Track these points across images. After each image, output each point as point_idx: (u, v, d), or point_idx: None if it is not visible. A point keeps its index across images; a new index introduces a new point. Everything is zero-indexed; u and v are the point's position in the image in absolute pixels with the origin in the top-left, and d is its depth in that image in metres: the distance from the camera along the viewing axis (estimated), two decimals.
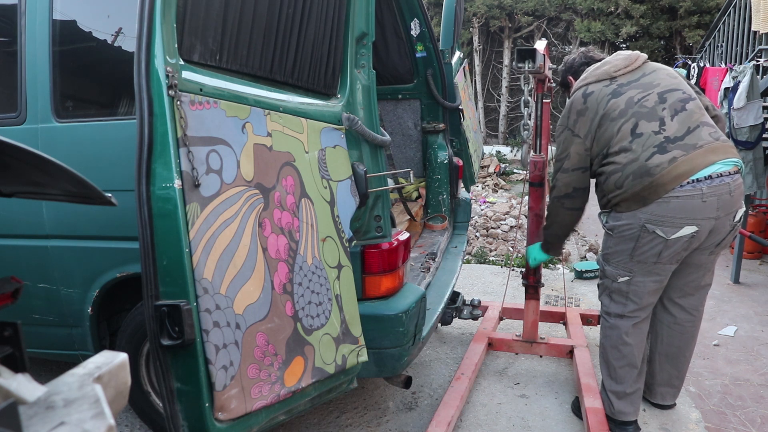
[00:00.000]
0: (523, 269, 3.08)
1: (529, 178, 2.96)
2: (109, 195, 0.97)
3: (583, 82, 2.35)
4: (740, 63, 5.52)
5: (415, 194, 3.65)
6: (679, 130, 2.08)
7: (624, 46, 13.02)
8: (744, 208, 2.22)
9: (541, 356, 3.14)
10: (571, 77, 2.62)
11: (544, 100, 2.98)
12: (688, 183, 2.03)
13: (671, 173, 2.03)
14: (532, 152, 3.00)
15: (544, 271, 4.95)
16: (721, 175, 2.06)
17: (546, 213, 2.51)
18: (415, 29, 3.27)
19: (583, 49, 2.66)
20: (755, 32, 5.22)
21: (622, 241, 2.20)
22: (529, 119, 2.70)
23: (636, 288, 2.25)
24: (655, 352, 2.49)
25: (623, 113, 2.16)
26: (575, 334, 3.18)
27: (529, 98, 2.67)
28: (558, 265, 5.14)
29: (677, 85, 2.20)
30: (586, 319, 3.38)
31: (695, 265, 2.30)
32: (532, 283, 3.03)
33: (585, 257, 5.50)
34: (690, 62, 5.55)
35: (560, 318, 3.45)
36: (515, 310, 3.47)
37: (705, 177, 2.04)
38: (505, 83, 14.50)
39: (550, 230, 2.53)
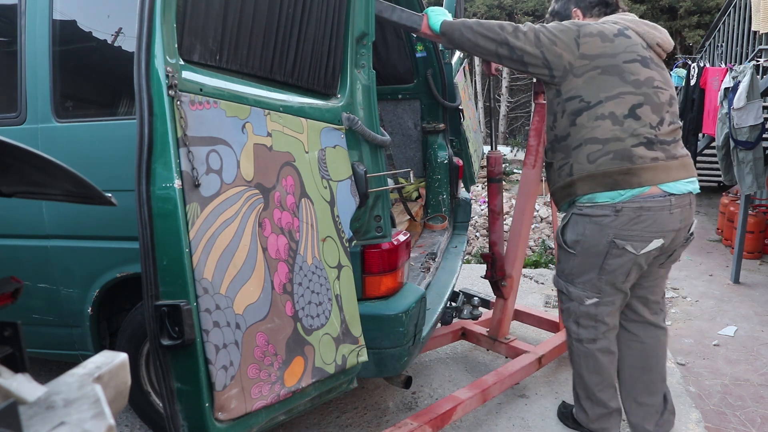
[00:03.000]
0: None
1: (487, 173, 2.93)
2: (109, 195, 0.97)
3: (625, 21, 2.10)
4: (740, 63, 5.52)
5: (415, 194, 3.65)
6: (668, 136, 2.03)
7: None
8: (695, 221, 2.17)
9: (506, 357, 3.02)
10: (578, 11, 2.27)
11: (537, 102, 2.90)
12: (660, 195, 1.98)
13: (649, 171, 1.97)
14: (489, 147, 2.98)
15: (545, 271, 4.94)
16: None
17: (485, 24, 2.14)
18: None
19: None
20: (755, 32, 5.22)
21: (587, 259, 2.08)
22: None
23: (605, 308, 2.15)
24: (626, 371, 2.31)
25: (637, 85, 1.99)
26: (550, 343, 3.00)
27: None
28: None
29: (675, 99, 2.16)
30: None
31: (644, 277, 2.20)
32: (488, 278, 2.94)
33: None
34: (690, 62, 5.55)
35: (556, 328, 3.25)
36: (526, 314, 3.37)
37: (676, 193, 2.00)
38: (505, 83, 14.50)
39: (472, 24, 2.14)
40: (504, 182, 10.69)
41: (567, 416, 2.51)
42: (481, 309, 3.14)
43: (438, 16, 2.23)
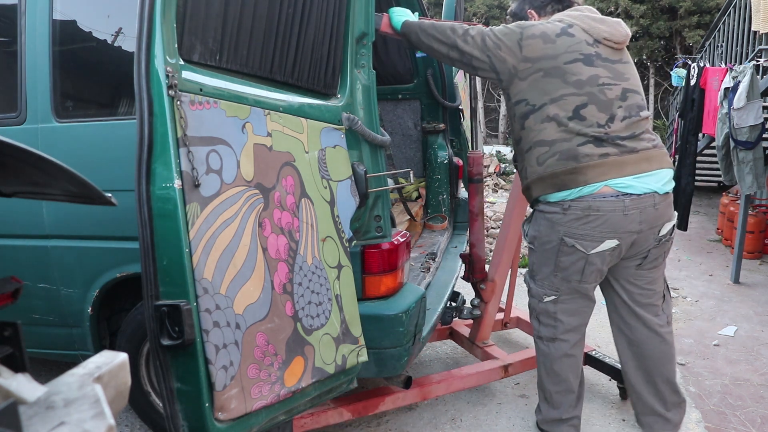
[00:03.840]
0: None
1: (467, 174, 2.84)
2: (109, 195, 0.97)
3: (570, 18, 2.06)
4: (740, 63, 5.52)
5: (415, 194, 3.65)
6: (624, 131, 1.97)
7: None
8: (674, 221, 2.08)
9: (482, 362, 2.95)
10: (533, 11, 2.26)
11: None
12: (611, 195, 1.93)
13: (597, 168, 1.93)
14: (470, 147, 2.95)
15: None
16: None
17: (438, 26, 2.15)
18: None
19: None
20: (755, 32, 5.22)
21: (543, 255, 2.11)
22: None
23: (564, 306, 2.16)
24: (629, 375, 2.30)
25: (579, 85, 1.96)
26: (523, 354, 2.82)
27: None
28: None
29: (639, 89, 2.09)
30: None
31: (626, 280, 2.17)
32: (465, 279, 2.86)
33: None
34: (690, 62, 5.55)
35: None
36: (528, 323, 3.13)
37: (634, 193, 1.94)
38: None
39: (427, 27, 2.16)
40: (504, 182, 10.70)
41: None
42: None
43: (400, 17, 2.25)
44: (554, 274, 2.11)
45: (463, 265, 2.89)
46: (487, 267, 2.92)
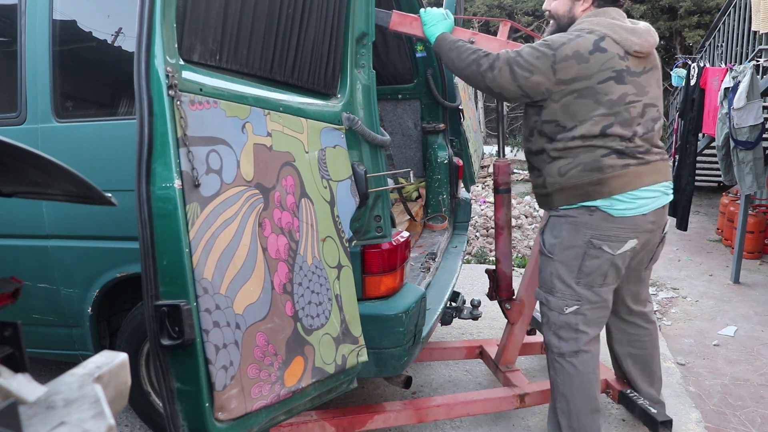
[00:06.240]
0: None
1: (493, 183, 2.66)
2: (109, 195, 0.97)
3: (601, 27, 1.99)
4: (740, 63, 5.52)
5: (415, 194, 3.64)
6: (641, 146, 2.03)
7: None
8: (668, 220, 2.24)
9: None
10: None
11: None
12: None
13: (619, 179, 1.99)
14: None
15: None
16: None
17: (464, 55, 2.12)
18: None
19: None
20: (755, 32, 5.22)
21: (565, 262, 2.09)
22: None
23: (584, 317, 2.11)
24: (629, 372, 2.43)
25: (610, 105, 1.96)
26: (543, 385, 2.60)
27: None
28: None
29: (657, 100, 2.10)
30: None
31: (634, 281, 2.29)
32: (489, 296, 2.72)
33: None
34: (690, 62, 5.55)
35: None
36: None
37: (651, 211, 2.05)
38: None
39: (454, 58, 2.15)
40: None
41: None
42: (481, 310, 3.13)
43: (435, 28, 2.24)
44: (577, 282, 2.08)
45: (488, 281, 2.72)
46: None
